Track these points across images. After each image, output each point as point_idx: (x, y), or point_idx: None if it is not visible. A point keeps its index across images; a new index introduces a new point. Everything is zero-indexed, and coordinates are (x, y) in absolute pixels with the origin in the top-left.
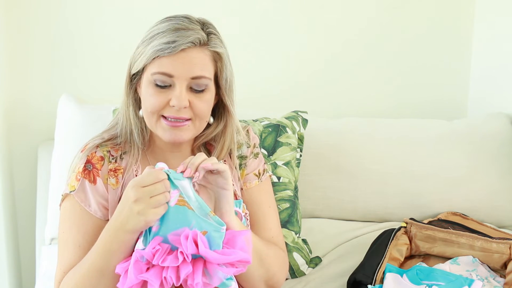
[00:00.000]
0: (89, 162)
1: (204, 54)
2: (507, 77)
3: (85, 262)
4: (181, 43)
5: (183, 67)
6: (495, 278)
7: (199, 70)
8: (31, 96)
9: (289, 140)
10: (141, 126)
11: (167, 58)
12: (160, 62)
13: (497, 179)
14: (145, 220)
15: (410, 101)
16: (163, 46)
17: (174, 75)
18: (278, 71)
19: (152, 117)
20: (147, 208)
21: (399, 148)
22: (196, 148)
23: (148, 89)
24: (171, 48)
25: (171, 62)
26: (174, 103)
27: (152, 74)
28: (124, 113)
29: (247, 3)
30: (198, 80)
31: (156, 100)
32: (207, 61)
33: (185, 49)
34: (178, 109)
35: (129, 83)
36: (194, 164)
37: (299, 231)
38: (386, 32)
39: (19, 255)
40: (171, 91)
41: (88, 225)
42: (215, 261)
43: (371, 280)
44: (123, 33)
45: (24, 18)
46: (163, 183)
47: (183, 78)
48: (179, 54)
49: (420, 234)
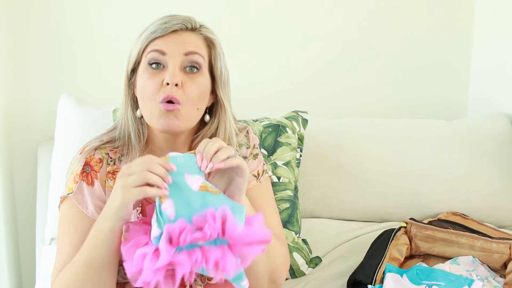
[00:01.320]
0: (88, 165)
1: (196, 37)
2: (507, 77)
3: (75, 259)
4: (172, 24)
5: (176, 44)
6: (495, 278)
7: (191, 47)
8: (31, 96)
9: (289, 140)
10: (138, 127)
11: (160, 39)
12: (153, 44)
13: (497, 179)
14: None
15: (410, 101)
16: (155, 27)
17: (167, 52)
18: (278, 71)
19: (150, 104)
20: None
21: (399, 148)
22: (194, 147)
23: (143, 74)
24: (162, 29)
25: (164, 41)
26: (167, 79)
27: (147, 54)
28: (123, 114)
29: (247, 3)
30: (191, 56)
31: (151, 82)
32: (200, 43)
33: (177, 30)
34: (170, 86)
35: (128, 82)
36: (208, 154)
37: (299, 231)
38: (386, 32)
39: (19, 255)
40: (165, 71)
41: (85, 226)
42: (242, 240)
43: (371, 280)
44: (123, 33)
45: (24, 18)
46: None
47: (176, 54)
48: (171, 34)
49: (420, 234)
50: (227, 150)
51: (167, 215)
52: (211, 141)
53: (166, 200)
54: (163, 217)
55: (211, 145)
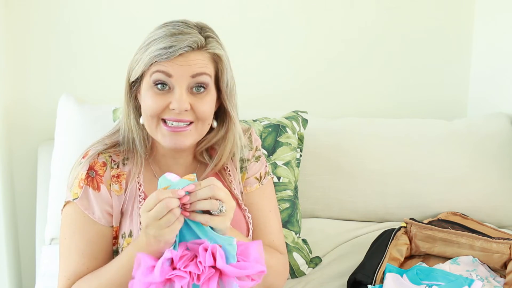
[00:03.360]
0: (92, 169)
1: (203, 56)
2: (507, 77)
3: (102, 275)
4: (178, 48)
5: (182, 68)
6: (495, 278)
7: (198, 68)
8: (31, 96)
9: (289, 140)
10: (143, 134)
11: (165, 63)
12: (158, 64)
13: (497, 179)
14: (164, 241)
15: (410, 101)
16: (160, 51)
17: (173, 75)
18: (278, 71)
19: (152, 122)
20: (160, 230)
21: (399, 148)
22: (199, 154)
23: (147, 93)
24: (168, 54)
25: (170, 64)
26: (174, 106)
27: (151, 74)
28: (125, 122)
29: (247, 3)
30: (198, 77)
31: (156, 102)
32: (207, 62)
33: (183, 53)
34: (178, 112)
35: (129, 91)
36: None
37: (299, 231)
38: (386, 32)
39: (19, 255)
40: (171, 94)
41: (91, 232)
42: (233, 275)
43: (371, 280)
44: (123, 33)
45: (24, 18)
46: (165, 202)
47: (182, 78)
48: (177, 59)
49: (420, 234)
50: (211, 204)
51: None
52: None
53: None
54: None
55: (203, 191)
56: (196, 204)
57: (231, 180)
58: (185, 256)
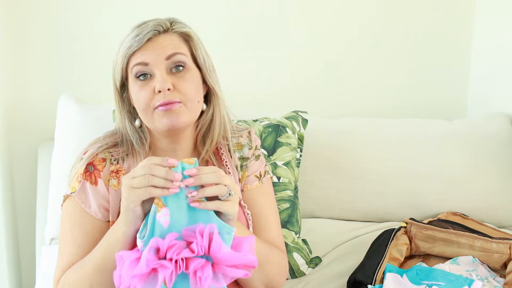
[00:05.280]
0: (91, 164)
1: (172, 37)
2: (507, 77)
3: (85, 260)
4: (144, 34)
5: (154, 52)
6: (495, 278)
7: (171, 49)
8: (31, 95)
9: (289, 140)
10: (140, 135)
11: (138, 52)
12: (134, 58)
13: (497, 179)
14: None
15: (410, 101)
16: (130, 42)
17: (149, 62)
18: (278, 71)
19: (147, 113)
20: (129, 188)
21: (399, 148)
22: (199, 144)
23: (134, 88)
24: (137, 41)
25: (142, 53)
26: (158, 87)
27: (131, 69)
28: (121, 126)
29: (247, 3)
30: (173, 57)
31: (142, 93)
32: (178, 41)
33: (151, 38)
34: (163, 93)
35: (120, 98)
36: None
37: (299, 231)
38: (386, 32)
39: (19, 255)
40: (153, 80)
41: (88, 226)
42: (225, 261)
43: (371, 280)
44: (123, 33)
45: (24, 18)
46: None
47: (158, 62)
48: (147, 44)
49: (420, 234)
50: (219, 189)
51: (161, 223)
52: (213, 172)
53: (164, 208)
54: (155, 225)
55: (209, 177)
56: (204, 190)
57: (228, 172)
58: (175, 246)
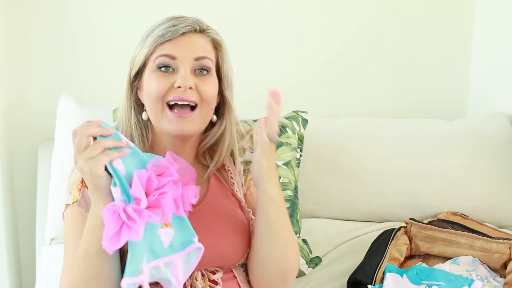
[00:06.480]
0: None
1: (204, 39)
2: (507, 77)
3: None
4: (181, 26)
5: (186, 48)
6: (495, 278)
7: (201, 51)
8: (31, 96)
9: (289, 140)
10: (142, 131)
11: (169, 43)
12: (162, 48)
13: (497, 179)
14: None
15: (410, 101)
16: (164, 31)
17: (177, 56)
18: (278, 71)
19: (157, 106)
20: (85, 162)
21: (399, 148)
22: (201, 155)
23: (151, 76)
24: (172, 32)
25: (173, 45)
26: (179, 83)
27: (155, 60)
28: (125, 119)
29: (247, 3)
30: (201, 60)
31: (160, 83)
32: (208, 46)
33: (185, 32)
34: (183, 90)
35: (130, 86)
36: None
37: (299, 231)
38: (386, 32)
39: (19, 255)
40: (175, 75)
41: None
42: None
43: (371, 280)
44: (123, 33)
45: (24, 18)
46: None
47: (186, 59)
48: (180, 38)
49: (420, 234)
50: None
51: (119, 171)
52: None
53: (115, 160)
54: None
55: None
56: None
57: (233, 183)
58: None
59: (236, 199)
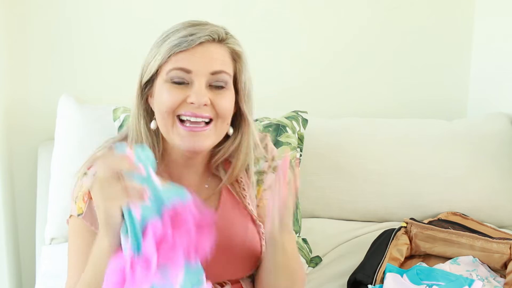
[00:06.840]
0: None
1: (223, 50)
2: (507, 77)
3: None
4: (199, 36)
5: (202, 61)
6: (495, 278)
7: (219, 65)
8: (31, 96)
9: (289, 140)
10: (153, 140)
11: (184, 53)
12: (176, 59)
13: (497, 179)
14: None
15: (410, 101)
16: (180, 40)
17: (192, 70)
18: (278, 71)
19: (167, 120)
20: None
21: (399, 148)
22: (214, 167)
23: (163, 87)
24: (188, 42)
25: (189, 57)
26: (192, 99)
27: (168, 72)
28: (134, 127)
29: (248, 3)
30: (218, 75)
31: (172, 96)
32: (227, 58)
33: (203, 42)
34: (197, 106)
35: (141, 93)
36: None
37: (299, 231)
38: (386, 32)
39: (19, 255)
40: (189, 88)
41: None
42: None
43: (371, 280)
44: (123, 33)
45: (24, 18)
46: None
47: (202, 73)
48: (196, 48)
49: (420, 234)
50: None
51: (135, 217)
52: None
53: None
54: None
55: None
56: None
57: (245, 195)
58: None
59: (248, 212)
